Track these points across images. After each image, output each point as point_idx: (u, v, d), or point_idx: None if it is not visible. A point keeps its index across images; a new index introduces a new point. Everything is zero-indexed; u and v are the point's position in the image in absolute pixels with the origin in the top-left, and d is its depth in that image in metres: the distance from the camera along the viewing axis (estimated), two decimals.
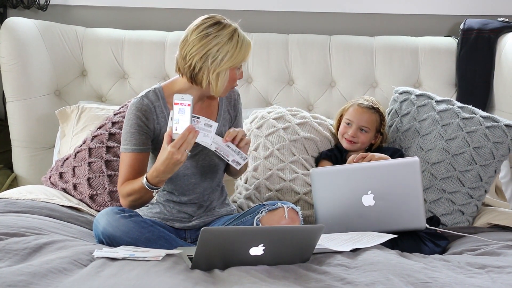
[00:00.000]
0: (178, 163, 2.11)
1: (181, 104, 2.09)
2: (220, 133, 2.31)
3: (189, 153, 2.12)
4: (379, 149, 2.75)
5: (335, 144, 2.85)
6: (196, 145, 2.17)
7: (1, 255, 1.91)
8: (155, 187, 2.20)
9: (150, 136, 2.31)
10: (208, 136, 2.15)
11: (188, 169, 2.32)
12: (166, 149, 2.10)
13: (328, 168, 2.54)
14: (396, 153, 2.71)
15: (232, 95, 2.44)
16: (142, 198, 2.26)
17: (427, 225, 2.35)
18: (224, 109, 2.41)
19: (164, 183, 2.26)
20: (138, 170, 2.28)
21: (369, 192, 2.32)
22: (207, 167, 2.36)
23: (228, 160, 2.20)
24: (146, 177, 2.18)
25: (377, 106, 2.76)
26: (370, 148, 2.77)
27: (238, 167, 2.22)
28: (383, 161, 2.42)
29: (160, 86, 2.35)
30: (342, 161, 2.72)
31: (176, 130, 2.10)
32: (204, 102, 2.37)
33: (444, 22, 3.35)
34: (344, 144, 2.74)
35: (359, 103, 2.75)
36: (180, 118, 2.09)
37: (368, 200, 2.32)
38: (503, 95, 3.09)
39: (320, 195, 2.36)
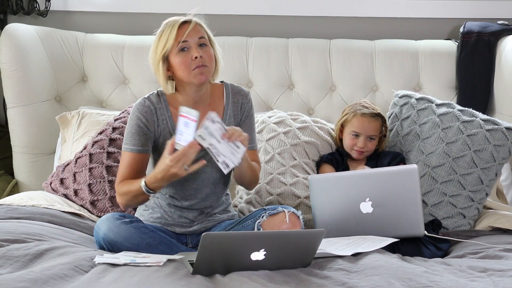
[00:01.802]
0: (175, 176, 2.12)
1: (187, 117, 2.07)
2: None
3: (187, 168, 2.10)
4: (380, 154, 2.74)
5: (336, 148, 2.85)
6: (199, 151, 2.13)
7: (2, 261, 1.91)
8: (152, 192, 2.20)
9: (151, 138, 2.31)
10: (236, 156, 2.09)
11: (190, 175, 2.32)
12: (165, 160, 2.11)
13: (326, 175, 2.53)
14: (397, 157, 2.70)
15: (239, 98, 2.41)
16: (137, 199, 2.27)
17: (426, 232, 2.34)
18: (230, 114, 2.39)
19: (165, 188, 2.26)
20: (136, 170, 2.29)
21: (367, 199, 2.31)
22: (209, 173, 2.35)
23: (218, 161, 2.10)
24: (144, 181, 2.19)
25: (378, 111, 2.75)
26: (375, 152, 2.75)
27: (225, 171, 2.11)
28: (381, 169, 2.42)
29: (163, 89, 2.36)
30: (343, 164, 2.72)
31: (179, 141, 2.09)
32: (207, 106, 2.34)
33: (444, 25, 3.35)
34: (355, 155, 2.71)
35: (362, 112, 2.71)
36: (185, 131, 2.07)
37: (366, 207, 2.32)
38: (503, 98, 3.09)
39: (318, 202, 2.36)
